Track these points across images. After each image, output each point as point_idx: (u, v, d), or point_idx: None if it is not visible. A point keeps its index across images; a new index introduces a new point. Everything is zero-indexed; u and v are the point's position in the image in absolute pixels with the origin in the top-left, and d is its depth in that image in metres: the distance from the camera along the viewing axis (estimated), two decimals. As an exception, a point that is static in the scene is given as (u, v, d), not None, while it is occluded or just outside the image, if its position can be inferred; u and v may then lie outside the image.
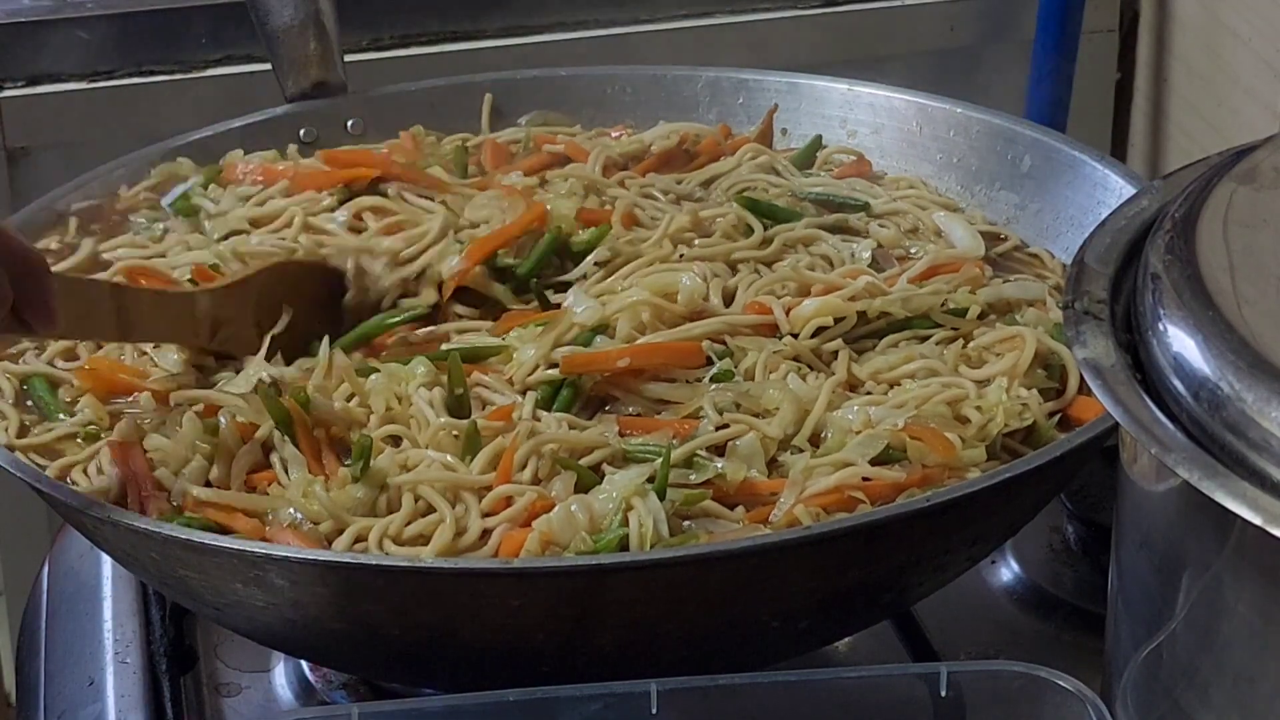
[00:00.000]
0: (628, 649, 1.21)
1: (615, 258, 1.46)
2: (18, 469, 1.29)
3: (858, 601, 1.25)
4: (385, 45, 2.19)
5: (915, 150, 1.65)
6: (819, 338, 1.38)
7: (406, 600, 1.18)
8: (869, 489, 1.25)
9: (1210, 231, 1.08)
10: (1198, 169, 1.18)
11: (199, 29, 2.14)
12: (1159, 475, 1.05)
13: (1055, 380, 1.37)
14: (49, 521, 2.01)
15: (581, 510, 1.23)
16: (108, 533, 1.26)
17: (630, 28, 2.23)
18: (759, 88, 1.71)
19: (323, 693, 1.39)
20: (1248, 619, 1.00)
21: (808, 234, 1.51)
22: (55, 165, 2.05)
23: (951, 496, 1.20)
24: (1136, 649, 1.09)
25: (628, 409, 1.33)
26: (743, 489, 1.26)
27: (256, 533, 1.25)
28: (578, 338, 1.37)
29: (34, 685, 1.47)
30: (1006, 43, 2.34)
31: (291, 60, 1.68)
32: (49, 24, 2.11)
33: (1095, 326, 1.07)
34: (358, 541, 1.24)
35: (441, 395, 1.33)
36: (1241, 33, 2.13)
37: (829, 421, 1.31)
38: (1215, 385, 0.99)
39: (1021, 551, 1.49)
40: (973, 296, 1.43)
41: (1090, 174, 1.53)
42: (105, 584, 1.52)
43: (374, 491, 1.26)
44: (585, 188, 1.56)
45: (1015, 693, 1.16)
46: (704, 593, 1.18)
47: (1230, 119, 2.17)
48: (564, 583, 1.17)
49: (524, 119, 1.72)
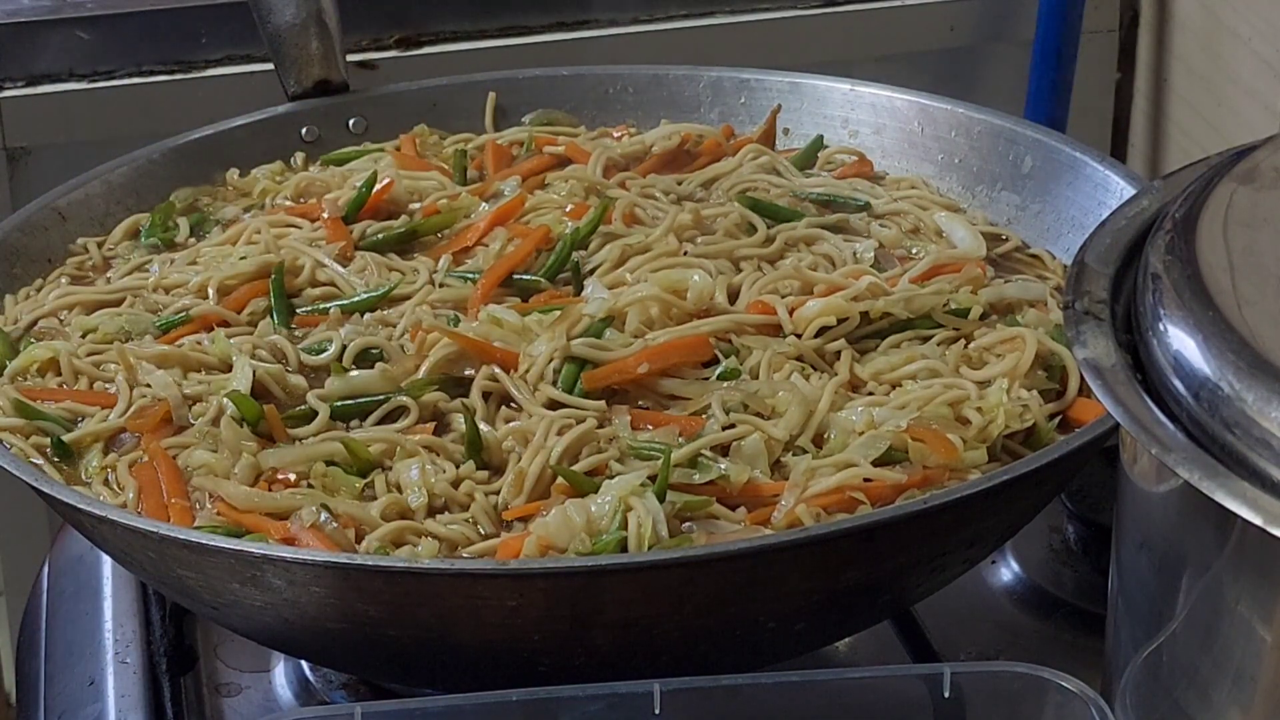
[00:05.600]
0: (626, 650, 1.21)
1: (623, 252, 1.47)
2: (18, 469, 1.29)
3: (856, 603, 1.25)
4: (385, 45, 2.20)
5: (917, 151, 1.65)
6: (822, 338, 1.38)
7: (403, 601, 1.18)
8: (869, 490, 1.25)
9: (1210, 231, 1.08)
10: (1198, 169, 1.18)
11: (199, 29, 2.14)
12: (1159, 475, 1.05)
13: (1056, 381, 1.37)
14: (49, 521, 2.01)
15: (578, 513, 1.23)
16: (106, 532, 1.26)
17: (630, 28, 2.24)
18: (761, 88, 1.71)
19: (323, 693, 1.39)
20: (1248, 619, 1.00)
21: (810, 233, 1.51)
22: (55, 165, 2.05)
23: (950, 498, 1.20)
24: (1137, 649, 1.09)
25: (637, 400, 1.34)
26: (746, 490, 1.26)
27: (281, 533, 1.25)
28: (588, 329, 1.37)
29: (34, 685, 1.47)
30: (1006, 43, 2.34)
31: (293, 59, 1.68)
32: (49, 24, 2.11)
33: (1095, 326, 1.07)
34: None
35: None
36: (1241, 33, 2.13)
37: (833, 422, 1.31)
38: (1215, 385, 0.99)
39: (1021, 551, 1.49)
40: (974, 297, 1.43)
41: (1091, 175, 1.53)
42: (105, 584, 1.52)
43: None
44: (586, 189, 1.56)
45: (1016, 693, 1.16)
46: (701, 594, 1.18)
47: (1230, 119, 2.17)
48: (561, 584, 1.17)
49: (527, 118, 1.72)
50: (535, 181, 1.60)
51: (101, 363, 1.42)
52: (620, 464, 1.28)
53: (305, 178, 1.63)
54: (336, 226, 1.54)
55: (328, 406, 1.35)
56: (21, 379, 1.42)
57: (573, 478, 1.26)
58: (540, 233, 1.49)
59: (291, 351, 1.41)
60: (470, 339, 1.37)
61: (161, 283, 1.51)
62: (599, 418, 1.32)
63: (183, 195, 1.63)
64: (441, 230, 1.55)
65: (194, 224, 1.60)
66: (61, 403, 1.38)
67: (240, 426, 1.33)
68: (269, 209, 1.61)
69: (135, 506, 1.29)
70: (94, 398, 1.39)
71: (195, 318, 1.45)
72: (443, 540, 1.25)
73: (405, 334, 1.42)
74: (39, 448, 1.35)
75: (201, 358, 1.40)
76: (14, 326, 1.48)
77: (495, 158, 1.65)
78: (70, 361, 1.41)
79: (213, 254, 1.53)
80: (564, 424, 1.31)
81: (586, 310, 1.39)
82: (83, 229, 1.58)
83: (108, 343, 1.44)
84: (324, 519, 1.25)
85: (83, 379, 1.41)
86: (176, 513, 1.28)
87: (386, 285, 1.47)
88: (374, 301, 1.45)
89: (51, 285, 1.53)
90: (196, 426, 1.34)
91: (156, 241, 1.57)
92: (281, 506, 1.27)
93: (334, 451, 1.31)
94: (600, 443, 1.30)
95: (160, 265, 1.54)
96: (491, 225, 1.52)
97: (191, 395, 1.37)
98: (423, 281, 1.48)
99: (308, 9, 1.66)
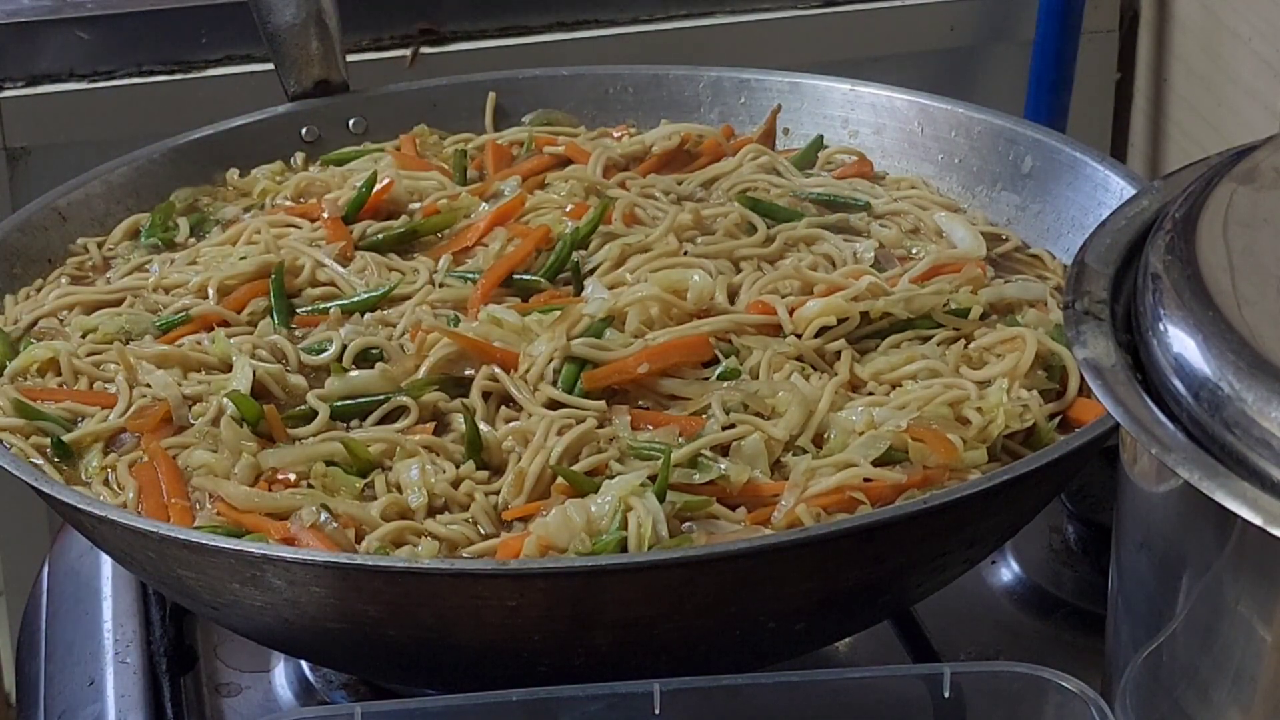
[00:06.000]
0: (626, 650, 1.21)
1: (623, 251, 1.47)
2: (18, 469, 1.29)
3: (856, 603, 1.25)
4: (385, 45, 2.20)
5: (917, 151, 1.65)
6: (822, 338, 1.38)
7: (403, 601, 1.18)
8: (869, 490, 1.25)
9: (1210, 231, 1.08)
10: (1198, 169, 1.18)
11: (199, 29, 2.14)
12: (1159, 475, 1.05)
13: (1056, 381, 1.37)
14: (49, 521, 2.01)
15: (578, 513, 1.23)
16: (106, 532, 1.26)
17: (630, 28, 2.24)
18: (761, 88, 1.71)
19: (323, 693, 1.39)
20: (1248, 619, 1.00)
21: (810, 233, 1.51)
22: (55, 165, 2.05)
23: (949, 498, 1.20)
24: (1137, 649, 1.09)
25: (637, 400, 1.34)
26: (746, 490, 1.26)
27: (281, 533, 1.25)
28: (588, 329, 1.37)
29: (34, 685, 1.47)
30: (1006, 43, 2.34)
31: (293, 59, 1.68)
32: (49, 24, 2.11)
33: (1095, 327, 1.07)
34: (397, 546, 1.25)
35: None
36: (1241, 33, 2.13)
37: (833, 422, 1.31)
38: (1215, 385, 0.99)
39: (1021, 551, 1.49)
40: (974, 297, 1.43)
41: (1091, 175, 1.53)
42: (105, 584, 1.52)
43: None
44: (586, 190, 1.56)
45: (1016, 693, 1.16)
46: (701, 594, 1.18)
47: (1230, 119, 2.17)
48: (561, 584, 1.17)
49: (527, 118, 1.72)
50: (535, 181, 1.60)
51: (101, 363, 1.42)
52: (620, 464, 1.28)
53: (305, 178, 1.63)
54: (336, 226, 1.54)
55: (328, 406, 1.35)
56: (21, 379, 1.42)
57: (573, 478, 1.26)
58: (540, 233, 1.49)
59: (291, 351, 1.41)
60: (470, 339, 1.37)
61: (161, 283, 1.51)
62: (599, 418, 1.32)
63: (183, 195, 1.63)
64: (441, 230, 1.55)
65: (194, 224, 1.60)
66: (61, 403, 1.38)
67: (240, 426, 1.33)
68: (269, 209, 1.61)
69: (135, 506, 1.29)
70: (94, 398, 1.39)
71: (195, 318, 1.45)
72: (443, 540, 1.25)
73: (405, 334, 1.42)
74: (39, 448, 1.35)
75: (201, 358, 1.40)
76: (14, 326, 1.48)
77: (495, 158, 1.65)
78: (70, 361, 1.41)
79: (213, 254, 1.53)
80: (564, 424, 1.31)
81: (586, 310, 1.39)
82: (83, 229, 1.58)
83: (108, 343, 1.44)
84: (324, 519, 1.25)
85: (83, 379, 1.41)
86: (176, 513, 1.28)
87: (386, 285, 1.47)
88: (374, 301, 1.45)
89: (51, 285, 1.53)
90: (196, 426, 1.34)
91: (156, 241, 1.57)
92: (281, 506, 1.27)
93: (334, 451, 1.31)
94: (600, 443, 1.30)
95: (160, 265, 1.54)
96: (491, 225, 1.52)
97: (191, 395, 1.37)
98: (423, 281, 1.48)
99: (308, 9, 1.66)
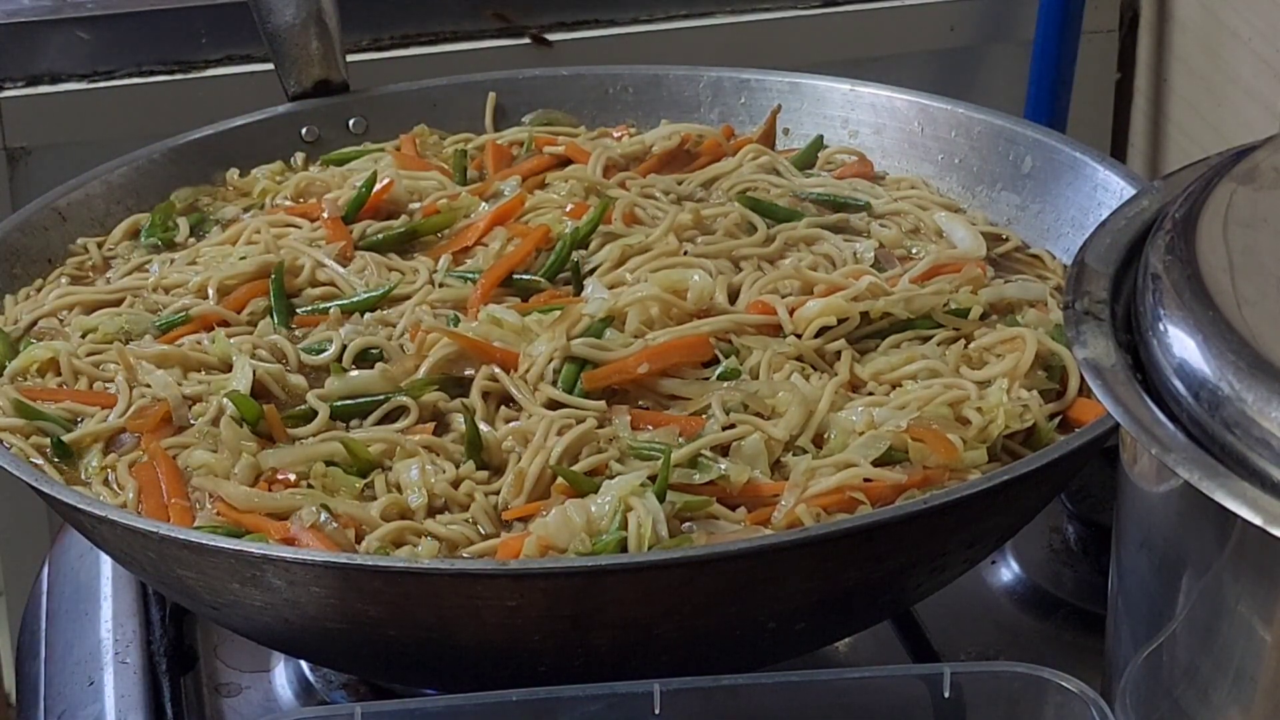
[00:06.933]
0: (626, 650, 1.21)
1: (623, 251, 1.47)
2: (18, 469, 1.29)
3: (856, 603, 1.25)
4: (385, 45, 2.20)
5: (917, 151, 1.65)
6: (822, 338, 1.38)
7: (403, 601, 1.18)
8: (869, 490, 1.25)
9: (1210, 231, 1.08)
10: (1198, 169, 1.18)
11: (199, 29, 2.14)
12: (1159, 475, 1.05)
13: (1056, 381, 1.37)
14: (49, 521, 2.02)
15: (578, 513, 1.23)
16: (106, 532, 1.26)
17: (630, 28, 2.24)
18: (761, 88, 1.71)
19: (323, 693, 1.39)
20: (1248, 619, 1.00)
21: (810, 233, 1.51)
22: (55, 165, 2.06)
23: (950, 498, 1.20)
24: (1137, 649, 1.09)
25: (637, 400, 1.34)
26: (746, 490, 1.26)
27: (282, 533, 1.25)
28: (588, 329, 1.37)
29: (34, 685, 1.47)
30: (1006, 43, 2.34)
31: (293, 59, 1.68)
32: (49, 24, 2.11)
33: (1095, 327, 1.07)
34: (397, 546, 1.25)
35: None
36: (1241, 33, 2.13)
37: (833, 422, 1.31)
38: (1215, 385, 0.99)
39: (1021, 551, 1.49)
40: (974, 297, 1.43)
41: (1091, 175, 1.53)
42: (105, 584, 1.52)
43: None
44: (586, 189, 1.56)
45: (1016, 693, 1.16)
46: (701, 594, 1.18)
47: (1230, 119, 2.17)
48: (561, 584, 1.17)
49: (527, 118, 1.72)
50: (535, 181, 1.60)
51: (101, 363, 1.42)
52: (620, 464, 1.28)
53: (305, 178, 1.63)
54: (336, 226, 1.54)
55: (328, 406, 1.35)
56: (21, 379, 1.42)
57: (573, 478, 1.26)
58: (540, 232, 1.49)
59: (291, 351, 1.41)
60: (470, 339, 1.37)
61: (161, 283, 1.51)
62: (599, 418, 1.32)
63: (183, 195, 1.63)
64: (441, 230, 1.55)
65: (194, 224, 1.60)
66: (61, 403, 1.38)
67: (240, 426, 1.33)
68: (269, 209, 1.61)
69: (135, 506, 1.29)
70: (94, 398, 1.39)
71: (195, 318, 1.45)
72: (443, 540, 1.25)
73: (405, 334, 1.42)
74: (39, 448, 1.35)
75: (201, 358, 1.40)
76: (14, 326, 1.48)
77: (495, 158, 1.65)
78: (70, 362, 1.41)
79: (213, 254, 1.53)
80: (564, 424, 1.31)
81: (586, 310, 1.39)
82: (83, 229, 1.58)
83: (108, 343, 1.44)
84: (324, 519, 1.25)
85: (83, 379, 1.41)
86: (176, 513, 1.28)
87: (386, 285, 1.47)
88: (374, 301, 1.45)
89: (51, 285, 1.53)
90: (196, 426, 1.34)
91: (156, 241, 1.57)
92: (281, 506, 1.27)
93: (334, 451, 1.31)
94: (600, 443, 1.30)
95: (160, 265, 1.54)
96: (491, 225, 1.52)
97: (191, 395, 1.37)
98: (422, 281, 1.48)
99: (308, 9, 1.66)
